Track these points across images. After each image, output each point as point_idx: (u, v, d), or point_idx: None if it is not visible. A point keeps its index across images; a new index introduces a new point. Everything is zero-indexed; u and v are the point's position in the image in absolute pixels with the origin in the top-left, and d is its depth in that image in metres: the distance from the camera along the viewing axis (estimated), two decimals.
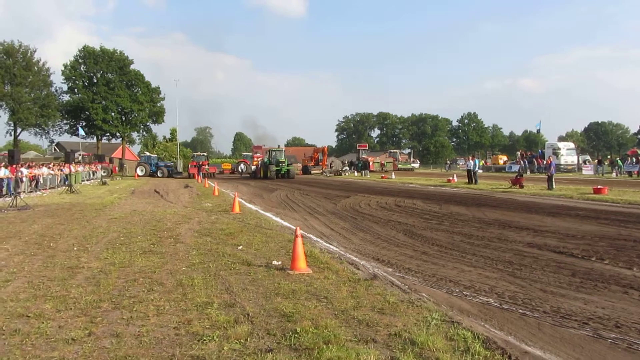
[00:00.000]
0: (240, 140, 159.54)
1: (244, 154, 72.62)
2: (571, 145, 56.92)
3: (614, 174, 42.81)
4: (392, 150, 79.44)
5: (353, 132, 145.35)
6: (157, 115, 66.84)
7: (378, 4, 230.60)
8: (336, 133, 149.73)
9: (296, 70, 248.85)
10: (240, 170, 62.36)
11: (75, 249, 9.45)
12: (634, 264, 8.00)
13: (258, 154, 60.38)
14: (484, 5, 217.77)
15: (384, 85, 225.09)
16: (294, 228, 10.81)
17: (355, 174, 55.23)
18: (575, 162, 51.90)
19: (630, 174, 41.24)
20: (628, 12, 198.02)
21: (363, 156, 63.53)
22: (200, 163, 55.53)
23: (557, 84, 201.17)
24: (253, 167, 54.77)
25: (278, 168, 45.06)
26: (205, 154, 66.76)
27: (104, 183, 36.40)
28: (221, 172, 64.07)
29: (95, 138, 64.64)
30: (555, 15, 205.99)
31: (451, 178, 34.24)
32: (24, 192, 24.43)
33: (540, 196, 20.97)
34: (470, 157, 35.94)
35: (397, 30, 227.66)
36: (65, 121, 61.91)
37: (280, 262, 8.01)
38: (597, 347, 4.65)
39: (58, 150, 74.07)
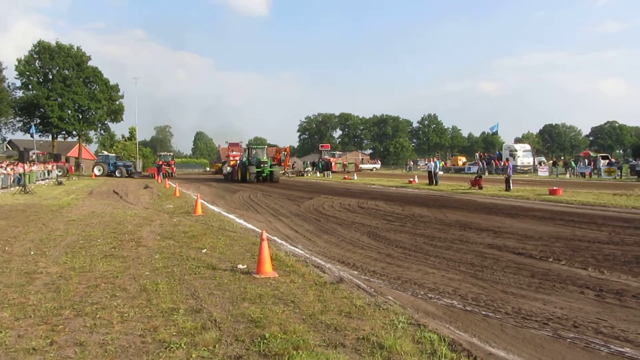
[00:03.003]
0: (200, 140, 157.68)
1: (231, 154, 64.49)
2: (527, 147, 58.65)
3: (567, 175, 44.30)
4: (333, 152, 75.94)
5: (315, 132, 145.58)
6: (116, 114, 65.34)
7: (339, 5, 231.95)
8: (298, 133, 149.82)
9: (258, 69, 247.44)
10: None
11: (32, 253, 9.15)
12: (589, 264, 8.30)
13: (234, 153, 52.14)
14: (446, 6, 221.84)
15: (346, 86, 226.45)
16: (258, 230, 10.83)
17: (318, 174, 55.36)
18: (531, 163, 53.46)
19: (583, 175, 42.76)
20: (583, 18, 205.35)
21: (325, 157, 63.69)
22: (167, 162, 54.77)
23: (513, 87, 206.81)
24: (228, 169, 47.23)
25: (259, 170, 37.81)
26: (171, 153, 65.76)
27: (60, 183, 35.33)
28: (214, 173, 61.17)
29: (50, 136, 62.66)
30: (513, 19, 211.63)
31: (412, 179, 34.76)
32: None
33: (499, 197, 21.53)
34: (432, 159, 36.59)
35: (358, 31, 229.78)
36: (18, 118, 59.76)
37: (245, 266, 7.96)
38: (557, 347, 4.82)
39: (10, 149, 71.38)
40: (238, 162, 43.66)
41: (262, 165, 37.82)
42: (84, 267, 7.94)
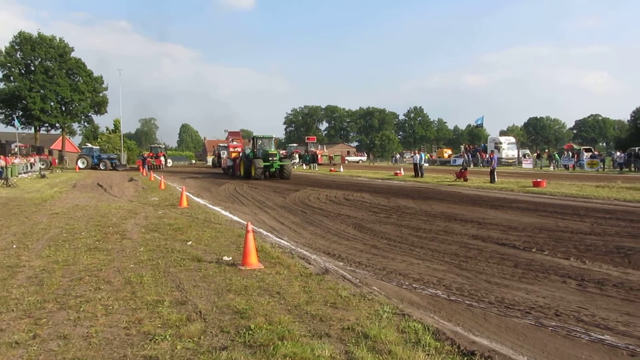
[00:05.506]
0: (186, 132, 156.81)
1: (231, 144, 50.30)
2: (512, 139, 59.20)
3: (551, 167, 44.77)
4: (290, 145, 73.21)
5: (301, 124, 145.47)
6: (100, 106, 64.52)
7: None
8: (284, 126, 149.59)
9: (244, 61, 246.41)
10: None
11: (14, 246, 9.04)
12: (571, 254, 8.42)
13: (235, 143, 45.26)
14: (435, 6, 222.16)
15: (332, 78, 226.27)
16: (244, 222, 10.80)
17: (304, 167, 55.31)
18: (516, 155, 53.95)
19: (566, 167, 43.25)
20: (566, 12, 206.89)
21: (311, 149, 63.58)
22: (156, 154, 54.33)
23: (499, 80, 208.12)
24: (229, 162, 39.98)
25: (267, 164, 31.32)
26: (162, 145, 65.27)
27: (43, 176, 34.88)
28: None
29: (32, 129, 61.76)
30: (500, 15, 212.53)
31: (398, 171, 34.89)
32: None
33: (484, 189, 21.69)
34: (417, 151, 36.74)
35: (344, 23, 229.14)
36: None
37: (231, 258, 7.94)
38: (539, 335, 4.89)
39: None
40: (240, 154, 37.26)
41: (270, 159, 31.59)
42: (68, 260, 7.87)
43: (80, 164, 53.04)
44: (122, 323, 4.94)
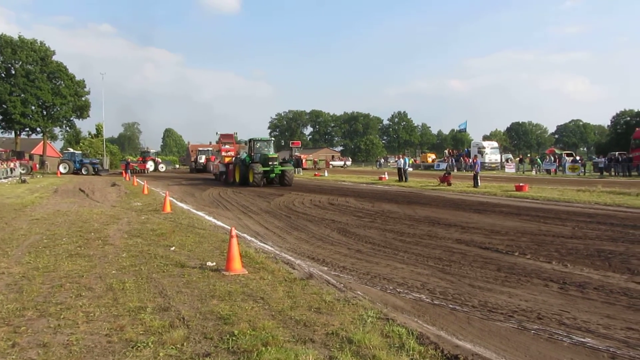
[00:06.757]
0: (170, 137, 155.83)
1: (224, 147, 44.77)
2: (495, 144, 59.81)
3: (533, 172, 45.29)
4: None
5: (286, 129, 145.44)
6: (82, 110, 63.80)
7: (311, 2, 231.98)
8: (269, 130, 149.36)
9: (228, 66, 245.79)
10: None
11: None
12: (553, 258, 8.51)
13: (227, 146, 41.87)
14: (420, 12, 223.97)
15: (317, 82, 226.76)
16: (228, 228, 10.75)
17: None
18: (499, 160, 54.50)
19: (548, 171, 43.79)
20: (549, 19, 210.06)
21: (296, 154, 63.57)
22: (144, 159, 54.04)
23: (482, 85, 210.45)
24: (221, 167, 35.88)
25: (267, 169, 28.35)
26: (152, 150, 64.94)
27: (24, 181, 34.38)
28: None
29: (13, 133, 60.90)
30: (483, 21, 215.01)
31: (382, 176, 35.01)
32: None
33: (467, 193, 21.84)
34: (401, 156, 36.92)
35: (329, 28, 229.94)
36: None
37: (214, 263, 7.89)
38: (522, 339, 4.92)
39: None
40: (235, 159, 33.71)
41: (270, 163, 28.53)
42: (48, 266, 7.75)
43: (61, 169, 52.42)
44: (104, 330, 4.88)
